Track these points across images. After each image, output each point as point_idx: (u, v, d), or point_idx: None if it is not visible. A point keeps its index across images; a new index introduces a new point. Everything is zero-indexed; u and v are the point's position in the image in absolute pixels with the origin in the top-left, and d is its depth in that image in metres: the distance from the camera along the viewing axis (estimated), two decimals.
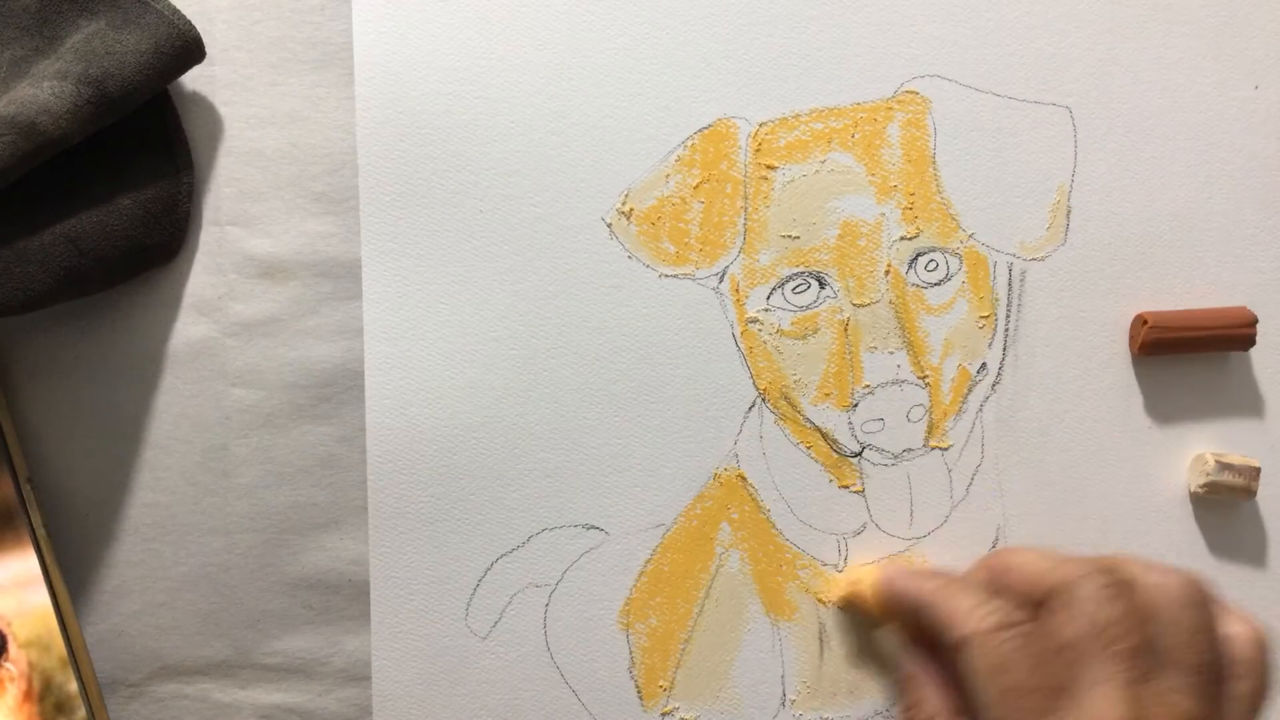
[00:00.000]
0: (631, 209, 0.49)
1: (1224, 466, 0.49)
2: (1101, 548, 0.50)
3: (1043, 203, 0.49)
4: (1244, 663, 0.43)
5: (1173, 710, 0.40)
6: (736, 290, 0.49)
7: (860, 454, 0.50)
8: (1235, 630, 0.43)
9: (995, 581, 0.45)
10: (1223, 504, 0.50)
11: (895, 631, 0.48)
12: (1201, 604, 0.42)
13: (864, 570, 0.50)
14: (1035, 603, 0.43)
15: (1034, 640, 0.41)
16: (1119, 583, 0.42)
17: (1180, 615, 0.41)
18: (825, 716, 0.50)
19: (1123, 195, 0.49)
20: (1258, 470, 0.49)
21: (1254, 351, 0.50)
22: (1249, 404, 0.50)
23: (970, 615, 0.43)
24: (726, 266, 0.49)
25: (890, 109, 0.49)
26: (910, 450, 0.49)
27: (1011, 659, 0.41)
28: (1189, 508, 0.51)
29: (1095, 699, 0.40)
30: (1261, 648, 0.43)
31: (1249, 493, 0.49)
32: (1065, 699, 0.40)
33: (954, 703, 0.46)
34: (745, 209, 0.49)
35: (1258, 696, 0.43)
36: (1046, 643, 0.42)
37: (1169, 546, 0.50)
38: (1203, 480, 0.49)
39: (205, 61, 0.48)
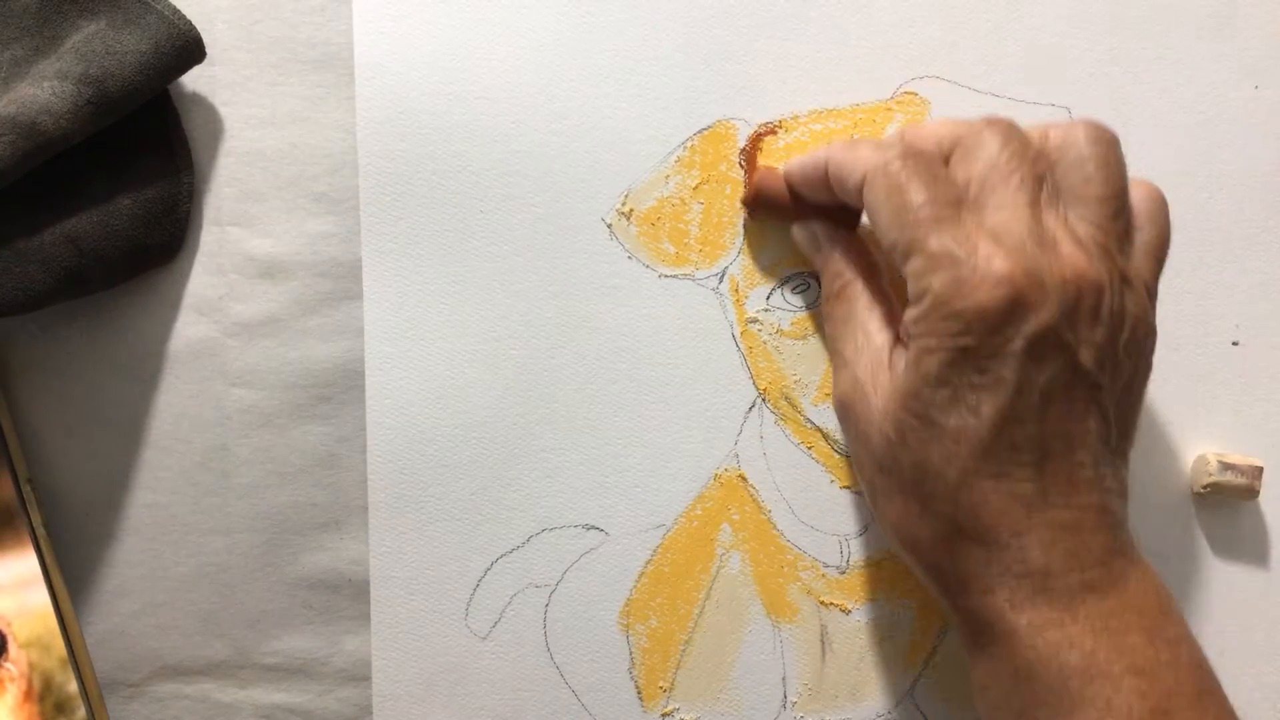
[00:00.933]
0: (631, 209, 0.49)
1: (1226, 467, 0.49)
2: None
3: None
4: (1142, 213, 0.42)
5: (1076, 232, 0.40)
6: (736, 290, 0.49)
7: None
8: (1132, 187, 0.43)
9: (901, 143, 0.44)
10: (1225, 504, 0.50)
11: (809, 222, 0.48)
12: (1109, 141, 0.42)
13: (765, 171, 0.49)
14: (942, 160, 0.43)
15: (934, 164, 0.41)
16: (1021, 131, 0.42)
17: (1085, 150, 0.41)
18: (826, 718, 0.50)
19: None
20: (1260, 470, 0.49)
21: (1257, 349, 0.50)
22: (1250, 402, 0.50)
23: (872, 155, 0.42)
24: (726, 267, 0.49)
25: (890, 110, 0.49)
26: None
27: (908, 178, 0.40)
28: (1191, 508, 0.50)
29: (997, 215, 0.39)
30: (1158, 199, 0.43)
31: (1251, 492, 0.49)
32: (965, 211, 0.40)
33: (873, 269, 0.46)
34: (745, 209, 0.49)
35: (1160, 245, 0.42)
36: (946, 172, 0.41)
37: (1171, 546, 0.50)
38: (1205, 481, 0.49)
39: (205, 61, 0.48)
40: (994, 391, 0.39)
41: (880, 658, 0.50)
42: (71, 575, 0.50)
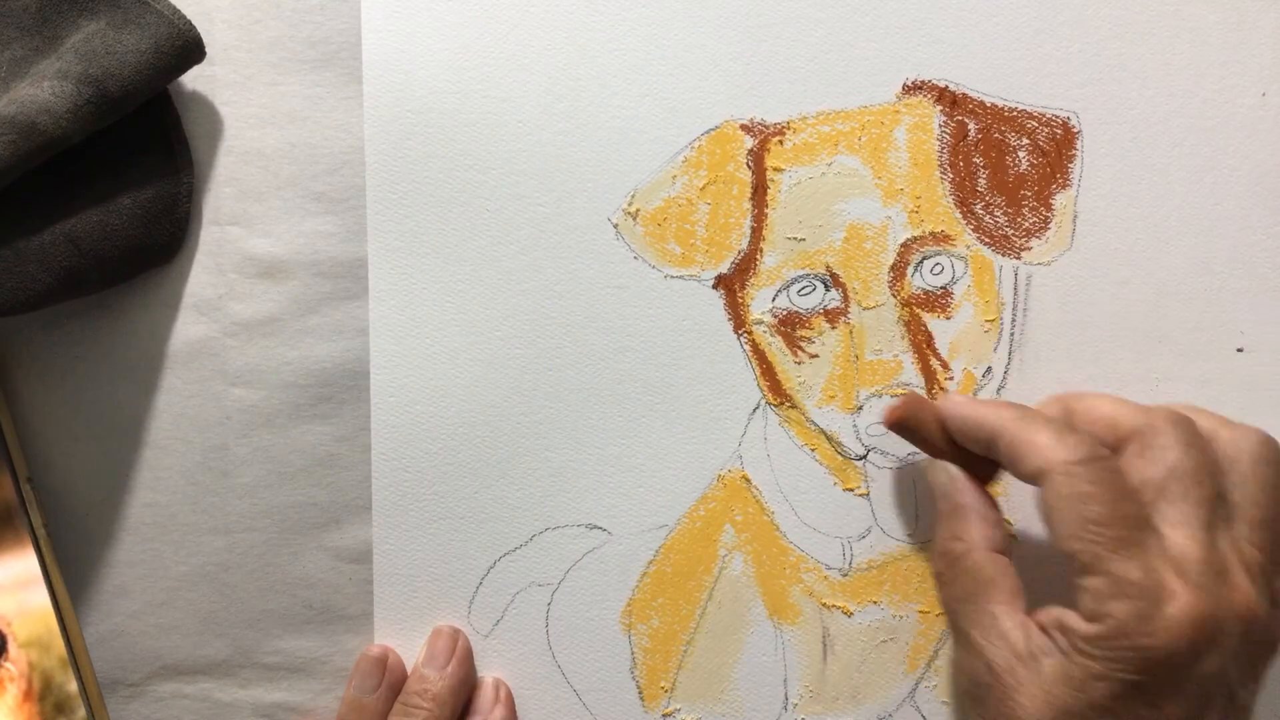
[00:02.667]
0: (638, 210, 0.49)
1: None
2: None
3: (1048, 207, 0.49)
4: None
5: (1244, 557, 0.41)
6: (742, 292, 0.49)
7: (865, 457, 0.50)
8: None
9: (1073, 421, 0.45)
10: None
11: (948, 464, 0.47)
12: (1275, 461, 0.42)
13: (917, 397, 0.49)
14: (1112, 446, 0.43)
15: (1119, 475, 0.41)
16: (1197, 432, 0.42)
17: (1255, 470, 0.42)
18: None
19: (1129, 200, 0.49)
20: None
21: (1262, 355, 0.50)
22: (1255, 408, 0.50)
23: (1054, 446, 0.42)
24: (732, 268, 0.49)
25: (897, 113, 0.49)
26: (915, 454, 0.49)
27: (1095, 490, 0.40)
28: None
29: (1176, 537, 0.40)
30: None
31: None
32: (1147, 533, 0.40)
33: (995, 540, 0.45)
34: (751, 211, 0.49)
35: None
36: (1128, 481, 0.41)
37: None
38: None
39: (205, 61, 0.48)
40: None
41: (882, 660, 0.50)
42: (71, 575, 0.50)
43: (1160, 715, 0.39)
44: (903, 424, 0.48)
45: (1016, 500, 0.49)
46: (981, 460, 0.46)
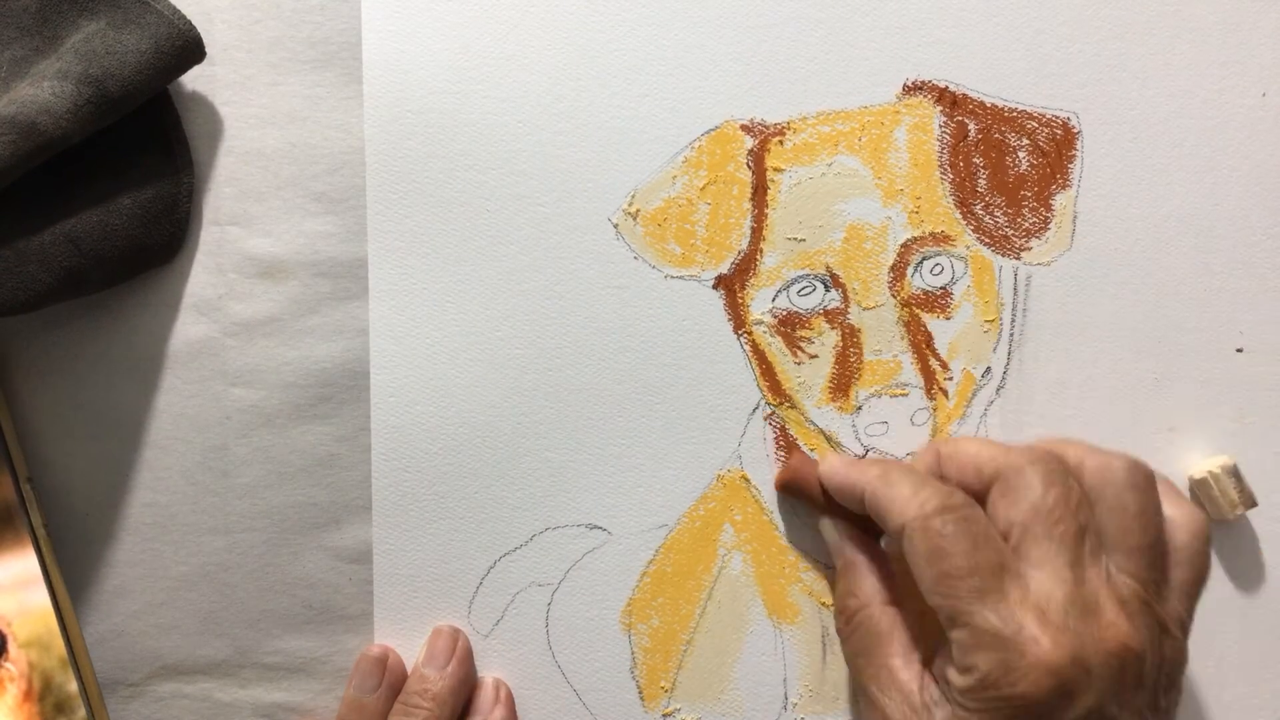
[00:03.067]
0: (638, 210, 0.49)
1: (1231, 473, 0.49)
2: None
3: (1048, 207, 0.49)
4: (1183, 549, 0.43)
5: (1116, 591, 0.40)
6: (742, 292, 0.49)
7: (864, 457, 0.50)
8: (1176, 515, 0.43)
9: (939, 468, 0.45)
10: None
11: (835, 521, 0.48)
12: (1145, 487, 0.42)
13: (803, 459, 0.50)
14: (979, 490, 0.43)
15: (974, 523, 0.41)
16: (1062, 467, 0.42)
17: (1124, 497, 0.42)
18: None
19: (1128, 201, 0.49)
20: (1252, 500, 0.49)
21: (1261, 354, 0.50)
22: (1255, 408, 0.50)
23: (910, 501, 0.42)
24: (732, 268, 0.49)
25: (897, 113, 0.49)
26: (914, 454, 0.49)
27: (949, 542, 0.41)
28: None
29: (1039, 578, 0.40)
30: (1201, 535, 0.43)
31: (1235, 512, 0.49)
32: (1008, 579, 0.40)
33: (888, 593, 0.46)
34: (751, 211, 0.49)
35: (1197, 583, 0.43)
36: (987, 527, 0.41)
37: None
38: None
39: (205, 61, 0.48)
40: None
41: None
42: (71, 575, 0.50)
43: None
44: (788, 486, 0.49)
45: None
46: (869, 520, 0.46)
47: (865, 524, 0.47)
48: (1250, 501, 0.49)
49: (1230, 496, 0.49)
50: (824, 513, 0.48)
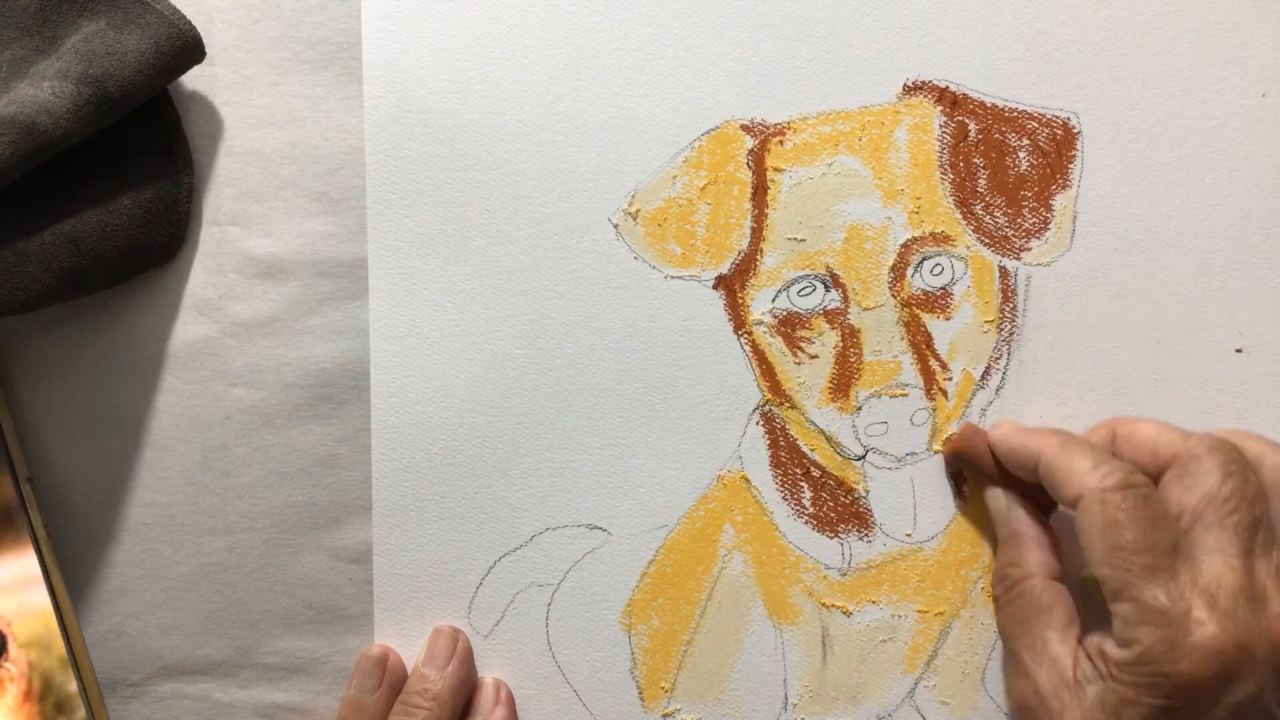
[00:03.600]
0: (638, 210, 0.49)
1: None
2: None
3: (1048, 207, 0.49)
4: None
5: None
6: (742, 292, 0.49)
7: (864, 457, 0.50)
8: None
9: (1113, 445, 0.46)
10: None
11: (1004, 491, 0.48)
12: None
13: (973, 428, 0.49)
14: (1153, 472, 0.44)
15: (1153, 503, 0.42)
16: (1241, 458, 0.42)
17: None
18: None
19: (1129, 201, 0.49)
20: None
21: (1260, 355, 0.50)
22: (1254, 409, 0.50)
23: (1091, 473, 0.43)
24: (732, 268, 0.49)
25: (897, 113, 0.49)
26: (914, 454, 0.49)
27: (1126, 517, 0.41)
28: None
29: (1211, 564, 0.40)
30: None
31: None
32: (1180, 561, 0.40)
33: (1052, 566, 0.46)
34: (752, 211, 0.49)
35: None
36: (1165, 509, 0.42)
37: None
38: None
39: (205, 61, 0.48)
40: None
41: (881, 660, 0.50)
42: (71, 575, 0.50)
43: None
44: (959, 455, 0.49)
45: None
46: (1041, 488, 0.46)
47: (1034, 497, 0.47)
48: None
49: None
50: (993, 482, 0.48)
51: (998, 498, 0.48)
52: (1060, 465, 0.44)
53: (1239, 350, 0.50)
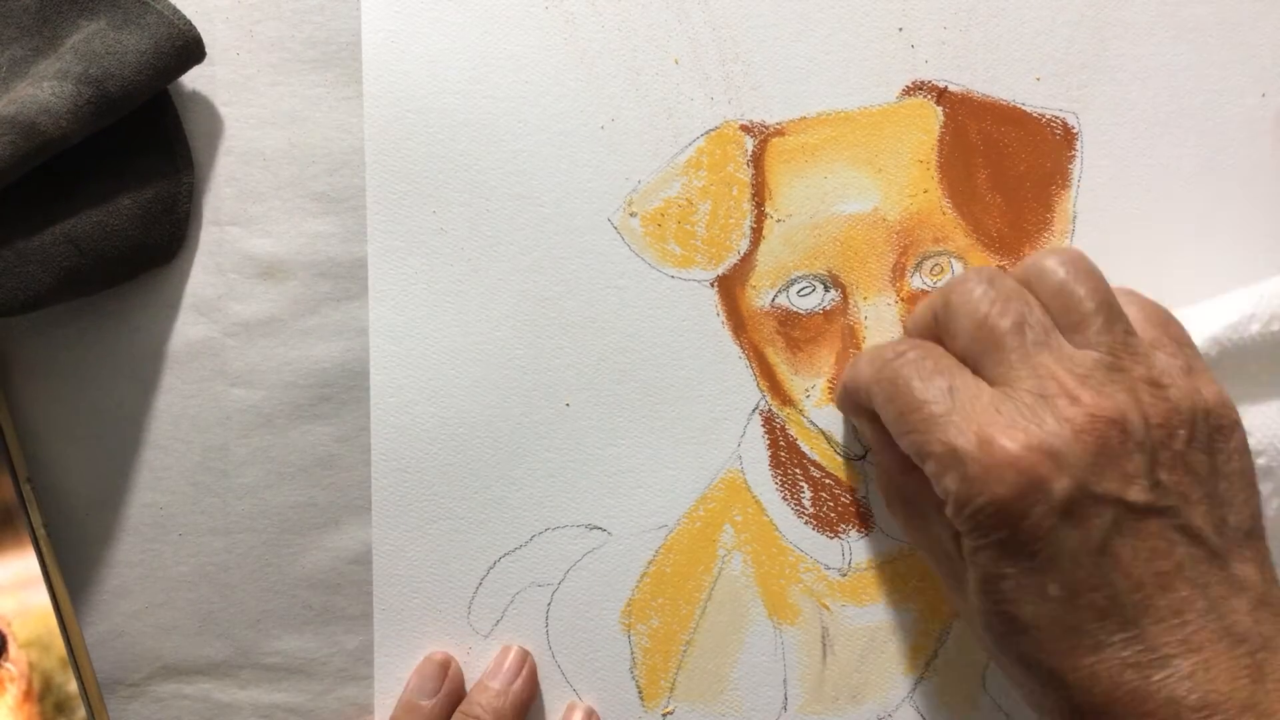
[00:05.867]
0: (638, 210, 0.49)
1: None
2: None
3: (1048, 207, 0.49)
4: (1147, 334, 0.42)
5: (1074, 370, 0.39)
6: (742, 292, 0.49)
7: (864, 457, 0.50)
8: (1134, 312, 0.42)
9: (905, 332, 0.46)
10: None
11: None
12: (1078, 262, 0.42)
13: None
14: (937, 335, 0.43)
15: (924, 359, 0.41)
16: (989, 275, 0.41)
17: (1055, 274, 0.41)
18: None
19: (1128, 201, 0.49)
20: None
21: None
22: (1260, 401, 0.50)
23: (870, 363, 0.43)
24: (732, 268, 0.49)
25: (897, 113, 0.49)
26: None
27: (901, 379, 0.41)
28: None
29: (991, 390, 0.39)
30: (1125, 291, 0.43)
31: None
32: (959, 399, 0.39)
33: (905, 460, 0.45)
34: (751, 211, 0.49)
35: (1160, 322, 0.42)
36: (940, 358, 0.41)
37: None
38: None
39: (205, 61, 0.48)
40: (1053, 571, 0.37)
41: (881, 660, 0.50)
42: (71, 575, 0.50)
43: (1044, 560, 0.37)
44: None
45: None
46: None
47: None
48: None
49: None
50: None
51: (858, 426, 0.49)
52: (849, 378, 0.45)
53: None
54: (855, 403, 0.46)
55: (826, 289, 0.49)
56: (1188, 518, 0.38)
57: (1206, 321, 0.45)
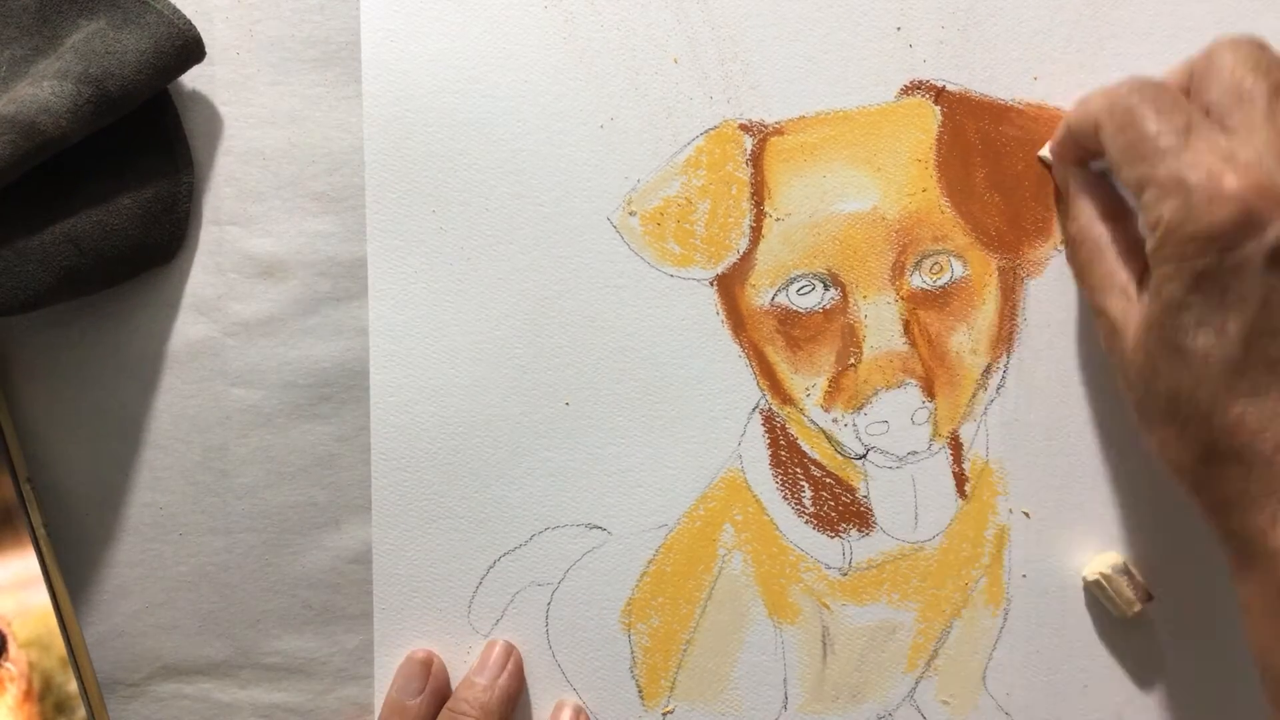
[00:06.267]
0: (637, 209, 0.49)
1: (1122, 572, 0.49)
2: (1109, 549, 0.50)
3: (1046, 206, 0.49)
4: None
5: None
6: (741, 291, 0.49)
7: (864, 456, 0.50)
8: None
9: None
10: None
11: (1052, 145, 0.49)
12: None
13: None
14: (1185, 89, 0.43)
15: (1163, 93, 0.41)
16: (1256, 41, 0.41)
17: None
18: None
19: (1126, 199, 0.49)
20: (1147, 594, 0.49)
21: None
22: None
23: (1107, 94, 0.43)
24: (731, 267, 0.49)
25: (896, 112, 0.49)
26: (914, 453, 0.49)
27: (1137, 109, 0.41)
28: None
29: (1234, 137, 0.39)
30: None
31: (1133, 610, 0.49)
32: (1196, 136, 0.39)
33: (1106, 207, 0.46)
34: (751, 210, 0.49)
35: None
36: (1178, 97, 0.41)
37: (1174, 543, 0.50)
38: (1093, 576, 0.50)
39: (205, 61, 0.48)
40: (1239, 309, 0.38)
41: (881, 660, 0.50)
42: (71, 575, 0.50)
43: (1234, 298, 0.38)
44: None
45: None
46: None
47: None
48: (1146, 596, 0.49)
49: (1125, 595, 0.49)
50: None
51: (1058, 169, 0.48)
52: (1077, 114, 0.45)
53: None
54: (1074, 142, 0.46)
55: (826, 288, 0.49)
56: None
57: None
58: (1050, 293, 0.49)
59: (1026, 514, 0.50)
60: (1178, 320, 0.39)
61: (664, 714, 0.50)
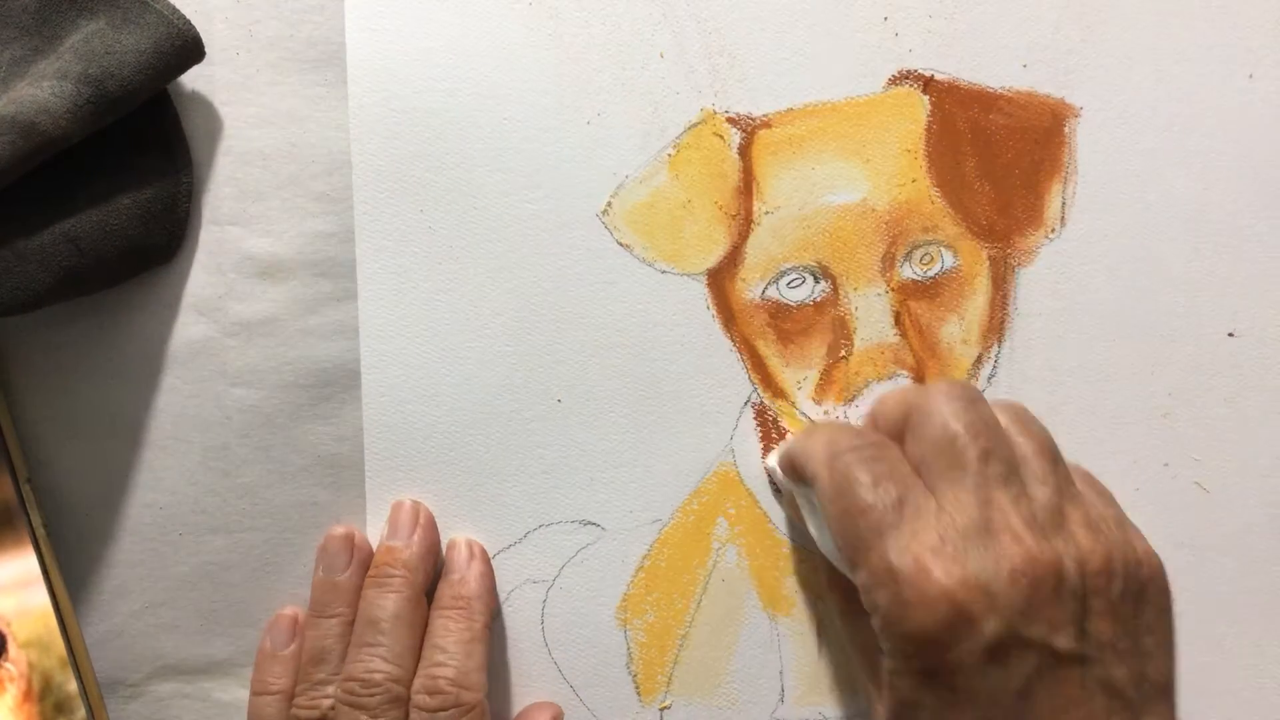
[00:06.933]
0: (626, 205, 0.50)
1: None
2: None
3: (1037, 194, 0.49)
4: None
5: (1024, 510, 0.38)
6: (731, 285, 0.50)
7: None
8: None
9: (874, 425, 0.43)
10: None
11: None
12: (1020, 407, 0.42)
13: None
14: (901, 433, 0.41)
15: (881, 460, 0.40)
16: (971, 395, 0.40)
17: (1012, 414, 0.41)
18: (824, 711, 0.50)
19: (1118, 186, 0.49)
20: None
21: (1253, 339, 0.49)
22: (1247, 393, 0.49)
23: (825, 447, 0.41)
24: (721, 261, 0.50)
25: (884, 103, 0.49)
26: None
27: (853, 477, 0.39)
28: (1193, 495, 0.50)
29: (942, 511, 0.38)
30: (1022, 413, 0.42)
31: None
32: (908, 513, 0.38)
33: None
34: (740, 204, 0.49)
35: (1053, 459, 0.41)
36: (896, 463, 0.40)
37: (1171, 540, 0.50)
38: None
39: (205, 61, 0.48)
40: (969, 705, 0.37)
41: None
42: (71, 575, 0.50)
43: (962, 695, 0.37)
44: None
45: None
46: None
47: None
48: None
49: None
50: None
51: (775, 470, 0.48)
52: (797, 450, 0.43)
53: (1231, 334, 0.49)
54: (798, 474, 0.44)
55: (816, 280, 0.49)
56: (1109, 669, 0.37)
57: None
58: (1041, 282, 0.49)
59: None
60: (915, 716, 0.38)
61: (661, 709, 0.50)
